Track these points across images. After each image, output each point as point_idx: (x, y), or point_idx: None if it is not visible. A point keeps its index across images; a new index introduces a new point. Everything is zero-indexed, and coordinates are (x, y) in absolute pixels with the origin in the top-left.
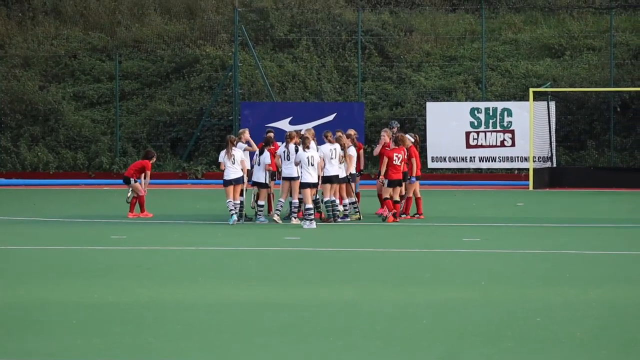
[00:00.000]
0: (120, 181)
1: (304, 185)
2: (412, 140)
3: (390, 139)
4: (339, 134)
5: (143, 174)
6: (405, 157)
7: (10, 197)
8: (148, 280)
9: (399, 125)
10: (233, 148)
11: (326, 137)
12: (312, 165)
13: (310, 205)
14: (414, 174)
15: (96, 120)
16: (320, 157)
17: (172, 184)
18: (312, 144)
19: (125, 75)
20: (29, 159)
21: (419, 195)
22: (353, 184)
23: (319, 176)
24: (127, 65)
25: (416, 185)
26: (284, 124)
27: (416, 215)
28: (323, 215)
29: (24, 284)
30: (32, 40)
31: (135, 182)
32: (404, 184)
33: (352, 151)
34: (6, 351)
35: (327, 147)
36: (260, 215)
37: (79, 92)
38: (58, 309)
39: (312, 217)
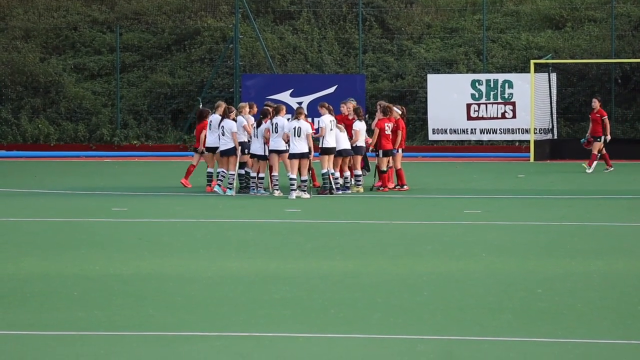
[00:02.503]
0: (121, 153)
1: (290, 156)
2: (399, 112)
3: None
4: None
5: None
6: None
7: (11, 169)
8: (149, 252)
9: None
10: (225, 119)
11: (327, 108)
12: (299, 136)
13: (294, 175)
14: (397, 146)
15: (97, 92)
16: (322, 127)
17: (173, 156)
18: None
19: (126, 47)
20: (29, 131)
21: (399, 167)
22: (360, 157)
23: (310, 147)
24: (128, 37)
25: (399, 157)
26: (285, 96)
27: (397, 187)
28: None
29: (25, 256)
30: (32, 12)
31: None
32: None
33: (357, 125)
34: (7, 323)
35: (327, 118)
36: (260, 187)
37: (80, 64)
38: (59, 281)
39: (295, 187)
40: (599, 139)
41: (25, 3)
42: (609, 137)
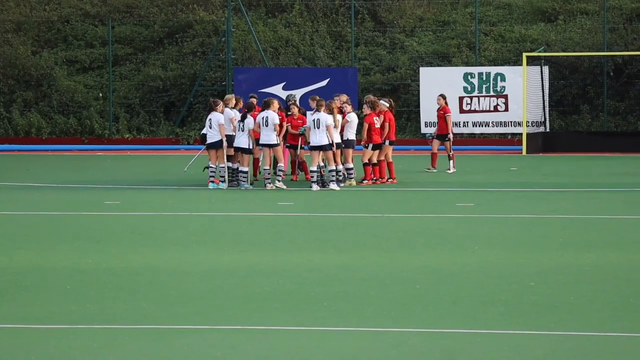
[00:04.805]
0: (113, 146)
1: (311, 148)
2: (387, 105)
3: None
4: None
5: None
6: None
7: (3, 162)
8: (142, 245)
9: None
10: (212, 112)
11: (318, 102)
12: (318, 127)
13: (332, 167)
14: (383, 138)
15: (89, 85)
16: (337, 120)
17: (165, 150)
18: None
19: (118, 40)
20: (21, 125)
21: (390, 160)
22: (351, 150)
23: (330, 139)
24: (120, 30)
25: (389, 149)
26: (277, 90)
27: (390, 180)
28: (295, 178)
29: (17, 249)
30: (24, 5)
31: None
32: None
33: (350, 116)
34: (0, 316)
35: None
36: (244, 181)
37: (72, 57)
38: (52, 274)
39: (334, 178)
40: (444, 137)
41: None
42: (450, 135)
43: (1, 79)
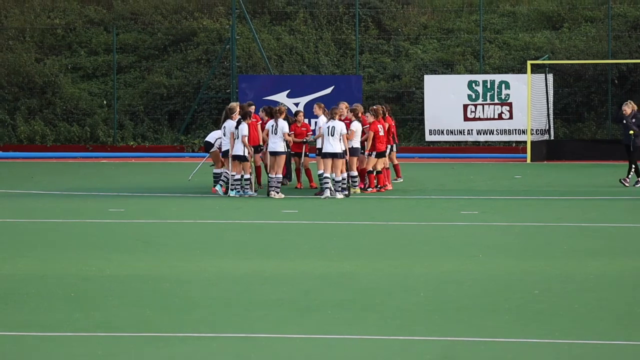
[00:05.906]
0: (118, 154)
1: (324, 155)
2: (381, 112)
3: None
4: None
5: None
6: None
7: (7, 170)
8: (146, 253)
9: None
10: (227, 120)
11: (323, 109)
12: (332, 135)
13: (339, 177)
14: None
15: (93, 93)
16: (320, 128)
17: (170, 157)
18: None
19: (123, 47)
20: (25, 132)
21: (387, 166)
22: (355, 158)
23: (344, 147)
24: (124, 37)
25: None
26: (281, 97)
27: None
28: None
29: (22, 257)
30: (28, 12)
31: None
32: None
33: (354, 125)
34: (4, 324)
35: (325, 120)
36: (247, 189)
37: (76, 64)
38: (56, 282)
39: (343, 186)
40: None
41: (21, 3)
42: (394, 147)
43: (5, 86)
